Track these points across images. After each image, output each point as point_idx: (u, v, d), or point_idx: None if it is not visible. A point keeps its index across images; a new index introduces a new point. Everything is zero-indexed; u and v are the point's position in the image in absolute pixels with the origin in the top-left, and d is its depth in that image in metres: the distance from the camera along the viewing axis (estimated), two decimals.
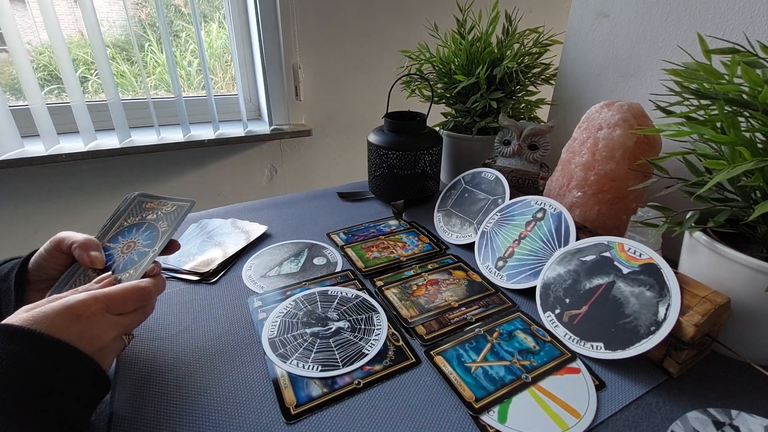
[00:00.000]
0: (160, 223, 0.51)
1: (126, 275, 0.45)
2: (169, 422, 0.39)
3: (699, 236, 0.46)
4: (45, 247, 0.45)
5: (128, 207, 0.53)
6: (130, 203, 0.54)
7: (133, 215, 0.53)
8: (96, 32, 1.06)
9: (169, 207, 0.53)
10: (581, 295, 0.49)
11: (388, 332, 0.50)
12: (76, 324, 0.34)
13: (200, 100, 1.36)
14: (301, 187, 1.51)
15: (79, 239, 0.46)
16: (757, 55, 0.40)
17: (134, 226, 0.51)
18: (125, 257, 0.48)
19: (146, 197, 0.54)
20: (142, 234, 0.50)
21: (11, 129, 1.07)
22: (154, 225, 0.51)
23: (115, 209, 0.53)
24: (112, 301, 0.38)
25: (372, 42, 1.42)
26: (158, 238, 0.49)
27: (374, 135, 0.80)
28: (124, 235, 0.51)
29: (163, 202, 0.53)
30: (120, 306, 0.39)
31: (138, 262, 0.47)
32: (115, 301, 0.38)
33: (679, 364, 0.43)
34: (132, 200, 0.54)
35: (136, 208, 0.53)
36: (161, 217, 0.52)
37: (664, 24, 0.63)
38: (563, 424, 0.38)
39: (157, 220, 0.51)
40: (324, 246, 0.69)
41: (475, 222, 0.70)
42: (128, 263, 0.47)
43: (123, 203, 0.54)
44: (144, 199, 0.54)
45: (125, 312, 0.39)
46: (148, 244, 0.49)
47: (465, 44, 0.80)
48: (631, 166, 0.58)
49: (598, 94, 0.75)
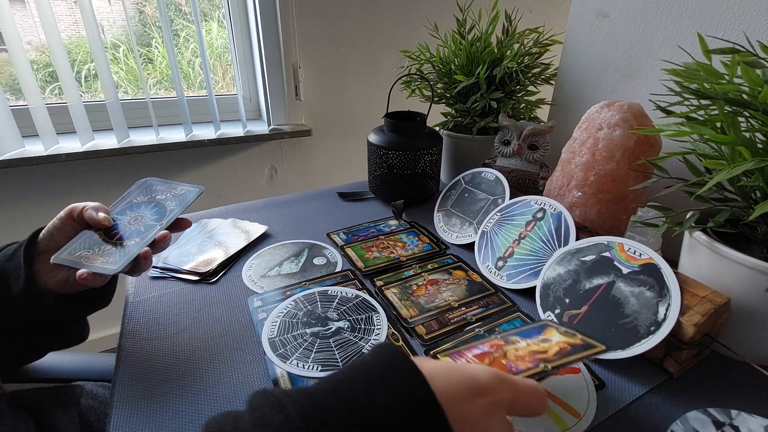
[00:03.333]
0: (169, 203, 0.53)
1: (131, 242, 0.47)
2: (170, 422, 0.39)
3: (699, 236, 0.46)
4: (58, 216, 0.47)
5: (139, 188, 0.56)
6: (140, 186, 0.56)
7: (142, 195, 0.55)
8: (95, 32, 1.06)
9: (178, 191, 0.55)
10: (581, 295, 0.49)
11: (388, 332, 0.50)
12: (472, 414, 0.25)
13: (200, 99, 1.35)
14: (301, 187, 1.51)
15: (91, 204, 0.48)
16: (757, 55, 0.40)
17: (143, 203, 0.54)
18: (132, 228, 0.50)
19: (157, 182, 0.57)
20: (150, 210, 0.52)
21: (12, 129, 1.07)
22: (162, 204, 0.53)
23: (126, 192, 0.55)
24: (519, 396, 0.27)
25: (372, 42, 1.42)
26: (166, 215, 0.51)
27: (374, 135, 0.80)
28: (133, 209, 0.53)
29: (173, 186, 0.56)
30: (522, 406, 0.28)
31: (144, 232, 0.49)
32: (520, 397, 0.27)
33: (679, 364, 0.43)
34: (142, 184, 0.56)
35: (146, 189, 0.56)
36: (170, 198, 0.54)
37: (664, 24, 0.63)
38: (563, 423, 0.38)
39: (165, 200, 0.54)
40: (324, 246, 0.69)
41: (475, 222, 0.70)
42: (134, 233, 0.49)
43: (133, 186, 0.56)
44: (155, 183, 0.57)
45: (521, 414, 0.28)
46: (156, 219, 0.51)
47: (465, 44, 0.80)
48: (631, 166, 0.58)
49: (598, 94, 0.75)
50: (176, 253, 0.65)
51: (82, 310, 0.49)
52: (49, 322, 0.47)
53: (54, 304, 0.46)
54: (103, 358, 0.67)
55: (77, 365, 0.64)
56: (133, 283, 0.59)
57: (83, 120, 1.13)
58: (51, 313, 0.46)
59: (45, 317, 0.46)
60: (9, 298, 0.43)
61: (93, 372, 0.63)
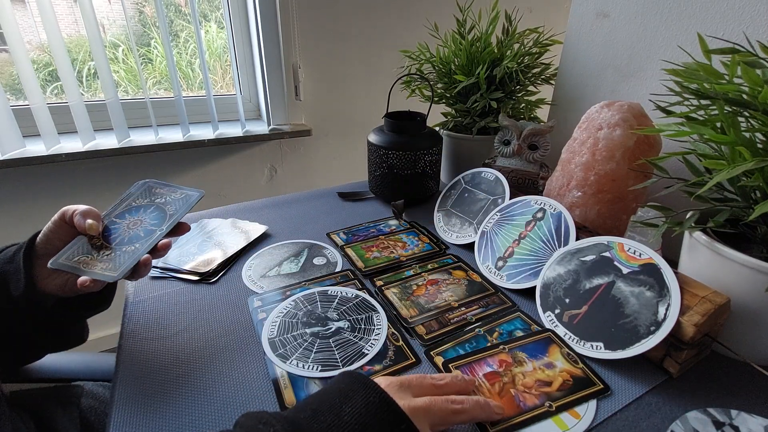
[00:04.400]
0: (169, 207, 0.52)
1: (131, 248, 0.47)
2: (169, 422, 0.39)
3: (699, 236, 0.46)
4: (52, 220, 0.46)
5: (137, 191, 0.55)
6: (140, 188, 0.55)
7: (142, 198, 0.54)
8: (95, 31, 1.06)
9: (178, 194, 0.54)
10: (581, 295, 0.49)
11: (388, 332, 0.50)
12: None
13: (200, 99, 1.35)
14: (301, 187, 1.51)
15: (81, 208, 0.46)
16: (757, 55, 0.40)
17: (142, 207, 0.53)
18: (131, 232, 0.49)
19: (156, 184, 0.56)
20: (149, 214, 0.52)
21: (13, 129, 1.07)
22: (162, 208, 0.52)
23: (125, 193, 0.54)
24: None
25: (372, 42, 1.42)
26: (166, 219, 0.51)
27: (374, 135, 0.80)
28: (132, 213, 0.52)
29: (173, 189, 0.55)
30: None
31: (144, 238, 0.48)
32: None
33: (679, 364, 0.43)
34: (142, 185, 0.56)
35: (146, 192, 0.55)
36: (170, 202, 0.53)
37: (664, 24, 0.63)
38: (563, 424, 0.38)
39: (165, 204, 0.53)
40: (324, 246, 0.69)
41: (475, 222, 0.70)
42: (134, 238, 0.48)
43: (133, 188, 0.55)
44: (154, 185, 0.56)
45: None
46: (156, 224, 0.50)
47: (465, 44, 0.80)
48: (631, 166, 0.58)
49: (598, 94, 0.75)
50: (176, 253, 0.65)
51: (82, 312, 0.49)
52: (49, 323, 0.47)
53: (54, 307, 0.46)
54: (103, 358, 0.67)
55: (77, 365, 0.64)
56: (133, 284, 0.59)
57: (84, 120, 1.13)
58: (51, 315, 0.46)
59: (45, 319, 0.46)
60: (10, 300, 0.43)
61: (93, 372, 0.63)
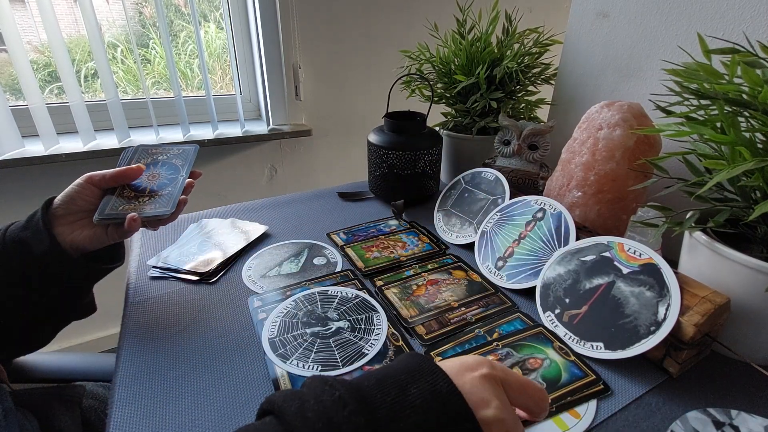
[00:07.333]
0: (174, 161, 0.54)
1: (167, 191, 0.50)
2: (170, 422, 0.39)
3: (699, 236, 0.46)
4: (76, 183, 0.50)
5: (134, 155, 0.56)
6: (135, 152, 0.56)
7: (144, 158, 0.55)
8: (95, 32, 1.06)
9: (175, 151, 0.56)
10: (581, 295, 0.49)
11: (388, 332, 0.50)
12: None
13: (199, 99, 1.35)
14: (301, 187, 1.51)
15: (109, 171, 0.50)
16: (757, 55, 0.40)
17: (150, 164, 0.54)
18: (154, 183, 0.51)
19: (149, 146, 0.57)
20: (161, 168, 0.53)
21: (12, 129, 1.06)
22: (168, 162, 0.54)
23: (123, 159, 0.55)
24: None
25: (372, 42, 1.42)
26: (179, 169, 0.53)
27: (374, 135, 0.80)
28: (147, 169, 0.54)
29: (168, 148, 0.56)
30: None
31: (171, 183, 0.51)
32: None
33: (679, 364, 0.43)
34: (136, 150, 0.56)
35: (143, 154, 0.56)
36: (172, 157, 0.55)
37: (664, 24, 0.63)
38: (563, 424, 0.38)
39: (169, 159, 0.55)
40: (324, 246, 0.69)
41: (474, 222, 0.70)
42: (161, 185, 0.51)
43: (126, 153, 0.56)
44: (148, 148, 0.57)
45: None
46: (172, 173, 0.52)
47: (465, 44, 0.80)
48: (631, 166, 0.58)
49: (598, 94, 0.75)
50: (176, 253, 0.65)
51: (104, 267, 0.53)
52: (70, 283, 0.49)
53: (79, 259, 0.49)
54: (103, 358, 0.67)
55: (78, 365, 0.64)
56: (134, 283, 0.59)
57: (85, 120, 1.13)
58: (76, 269, 0.49)
59: (68, 278, 0.49)
60: (34, 257, 0.46)
61: (93, 372, 0.63)
